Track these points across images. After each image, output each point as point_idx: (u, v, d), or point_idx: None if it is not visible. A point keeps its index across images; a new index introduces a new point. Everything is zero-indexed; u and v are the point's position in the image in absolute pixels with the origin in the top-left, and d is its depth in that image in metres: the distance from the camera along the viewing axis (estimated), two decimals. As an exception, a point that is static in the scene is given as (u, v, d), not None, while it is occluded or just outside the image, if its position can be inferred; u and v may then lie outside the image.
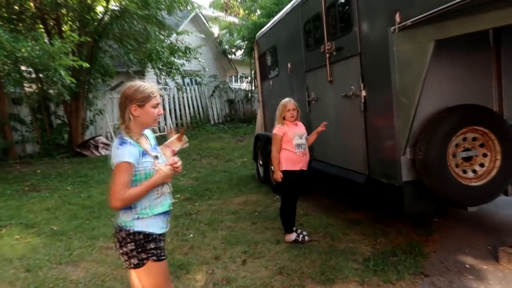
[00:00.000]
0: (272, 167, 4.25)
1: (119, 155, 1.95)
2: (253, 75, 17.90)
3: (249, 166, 8.59)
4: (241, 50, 18.88)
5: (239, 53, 19.56)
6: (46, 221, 5.30)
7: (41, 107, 11.31)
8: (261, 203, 5.67)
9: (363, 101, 3.87)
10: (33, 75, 10.63)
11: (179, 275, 3.43)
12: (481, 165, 3.33)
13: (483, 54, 3.45)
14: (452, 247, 3.73)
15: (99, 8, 11.44)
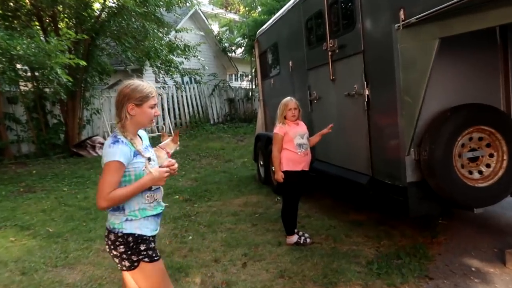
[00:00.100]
0: (273, 167, 4.25)
1: (110, 154, 1.94)
2: (253, 74, 17.93)
3: (250, 166, 8.59)
4: (242, 48, 18.87)
5: (239, 51, 19.56)
6: (42, 222, 5.30)
7: (36, 106, 11.30)
8: (262, 204, 5.67)
9: (366, 100, 3.87)
10: (29, 74, 10.63)
11: (178, 278, 3.43)
12: (488, 165, 3.33)
13: (489, 52, 3.45)
14: (457, 249, 3.73)
15: (96, 5, 11.43)
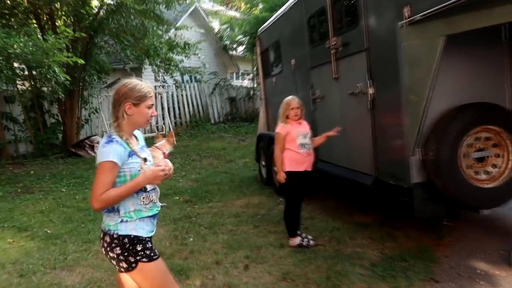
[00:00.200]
0: (275, 168, 4.26)
1: (103, 154, 1.94)
2: (255, 72, 17.93)
3: (251, 167, 8.59)
4: (243, 45, 18.87)
5: (240, 49, 19.56)
6: (40, 224, 5.32)
7: (34, 105, 11.33)
8: (264, 205, 5.68)
9: (370, 98, 3.87)
10: (26, 72, 10.65)
11: (178, 281, 3.43)
12: (494, 166, 3.33)
13: (495, 49, 3.45)
14: (463, 251, 3.73)
15: (94, 2, 11.45)
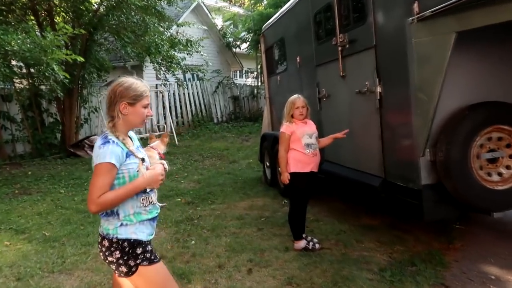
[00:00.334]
0: (280, 168, 4.25)
1: (100, 155, 1.93)
2: (259, 70, 17.93)
3: (255, 167, 8.60)
4: (247, 43, 18.92)
5: (244, 46, 19.61)
6: (38, 226, 5.34)
7: (32, 104, 11.39)
8: (268, 207, 5.68)
9: (378, 97, 3.86)
10: (24, 70, 10.72)
11: (180, 285, 3.44)
12: (507, 167, 3.32)
13: (508, 47, 3.42)
14: (475, 256, 3.71)
15: (94, -2, 11.52)
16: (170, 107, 15.35)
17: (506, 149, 3.31)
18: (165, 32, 12.73)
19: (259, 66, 17.74)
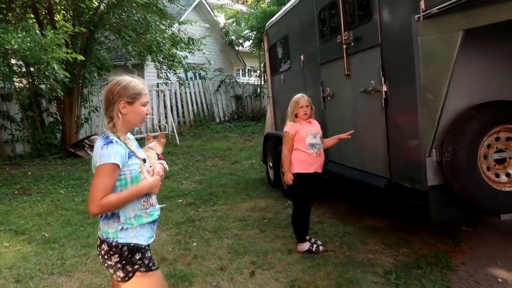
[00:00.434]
0: (283, 169, 4.25)
1: (104, 156, 1.92)
2: (262, 69, 17.95)
3: (258, 168, 8.60)
4: (249, 41, 18.90)
5: (247, 45, 19.60)
6: (38, 227, 5.36)
7: (32, 103, 11.42)
8: (271, 209, 5.68)
9: (384, 97, 3.85)
10: (24, 69, 10.75)
11: (181, 287, 3.45)
12: (516, 168, 3.30)
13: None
14: (482, 258, 3.70)
15: (95, -4, 11.56)
16: (171, 107, 15.36)
17: (515, 150, 3.30)
18: (167, 30, 12.75)
19: (262, 65, 17.77)
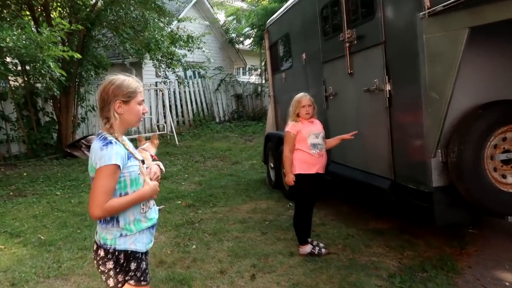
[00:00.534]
0: (284, 169, 4.25)
1: (105, 157, 1.90)
2: (263, 67, 17.95)
3: (259, 169, 8.60)
4: (250, 39, 18.92)
5: (247, 43, 19.60)
6: (33, 229, 5.36)
7: (27, 102, 11.44)
8: (272, 211, 5.68)
9: (387, 96, 3.85)
10: (19, 67, 10.76)
11: (180, 291, 3.46)
12: (523, 169, 3.30)
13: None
14: (489, 261, 3.70)
15: (92, -8, 11.56)
16: (170, 106, 15.37)
17: (522, 150, 3.30)
18: (166, 28, 12.75)
19: (263, 63, 17.78)
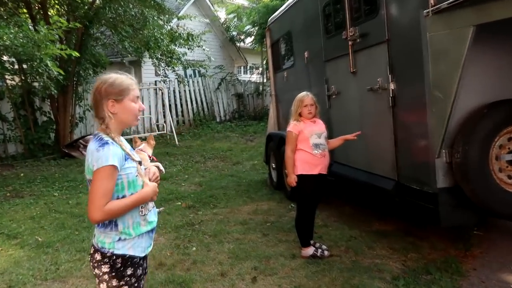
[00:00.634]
0: (286, 170, 4.26)
1: (102, 158, 1.88)
2: (264, 66, 17.93)
3: (260, 169, 8.60)
4: (251, 37, 18.91)
5: (248, 41, 19.60)
6: (30, 231, 5.37)
7: (24, 102, 11.44)
8: (274, 212, 5.68)
9: (391, 95, 3.85)
10: (16, 66, 10.76)
11: (180, 294, 3.47)
12: (530, 169, 3.30)
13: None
14: (494, 264, 3.70)
15: (90, -10, 11.58)
16: (170, 105, 15.37)
17: (528, 150, 3.30)
18: (165, 26, 12.76)
19: (264, 62, 17.74)
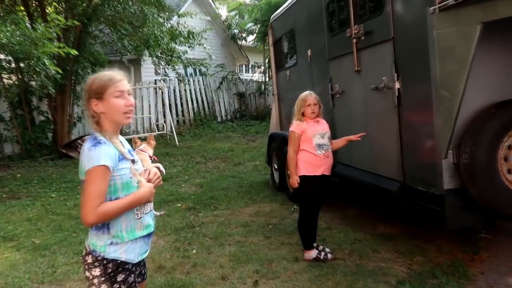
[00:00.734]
0: (288, 171, 4.25)
1: (93, 158, 1.86)
2: (267, 64, 17.94)
3: (262, 170, 8.60)
4: (253, 35, 18.91)
5: (250, 39, 19.60)
6: (27, 233, 5.38)
7: (21, 101, 11.48)
8: (276, 214, 5.68)
9: (396, 94, 3.84)
10: (13, 65, 10.80)
11: (179, 298, 3.46)
12: (539, 170, 3.29)
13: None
14: (503, 267, 3.68)
15: (89, -13, 11.59)
16: (170, 105, 15.39)
17: (537, 151, 3.29)
18: (165, 24, 12.77)
19: (266, 60, 17.76)
